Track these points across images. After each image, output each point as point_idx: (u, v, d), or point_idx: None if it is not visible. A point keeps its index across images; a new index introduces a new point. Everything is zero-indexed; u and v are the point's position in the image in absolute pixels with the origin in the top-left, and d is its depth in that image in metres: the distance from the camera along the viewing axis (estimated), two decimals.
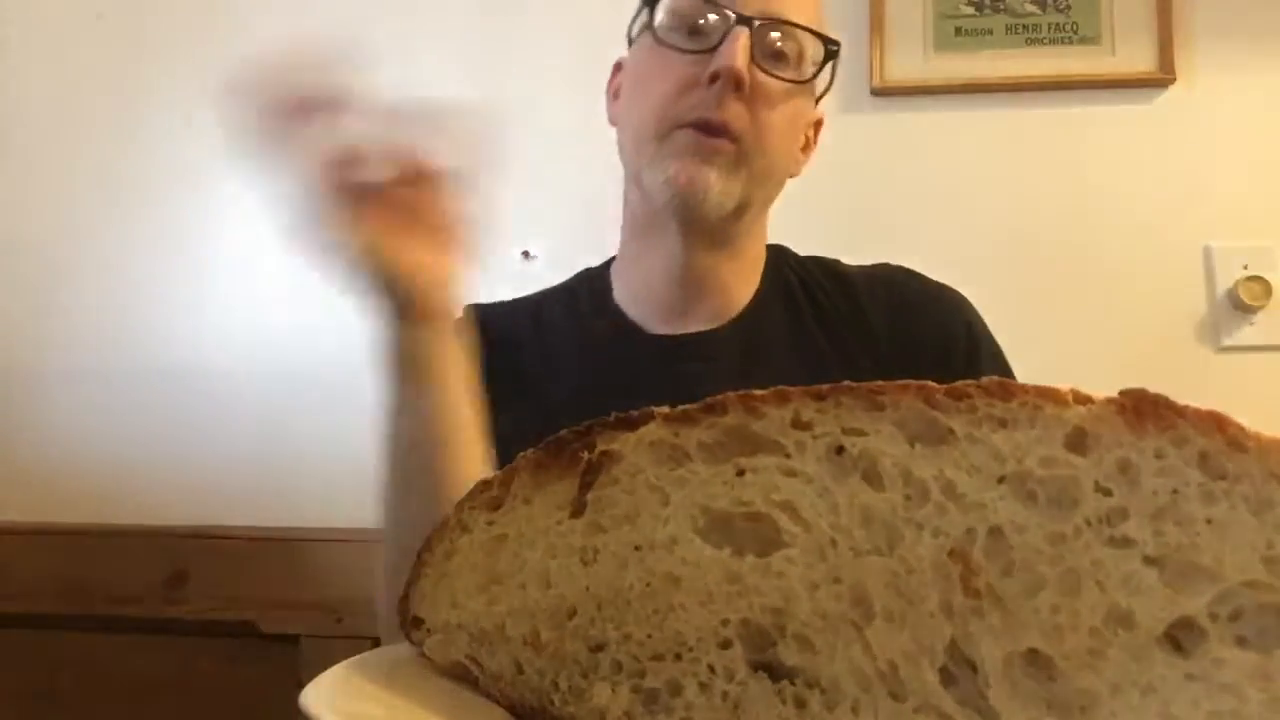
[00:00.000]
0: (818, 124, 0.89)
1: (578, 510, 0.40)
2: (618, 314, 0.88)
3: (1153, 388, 0.30)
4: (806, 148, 0.89)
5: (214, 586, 1.32)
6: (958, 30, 1.42)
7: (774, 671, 0.36)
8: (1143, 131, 1.38)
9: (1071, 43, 1.40)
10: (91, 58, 1.52)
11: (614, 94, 0.90)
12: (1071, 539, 0.30)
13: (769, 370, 0.80)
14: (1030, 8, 1.41)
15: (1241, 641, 0.28)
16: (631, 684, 0.39)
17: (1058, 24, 1.40)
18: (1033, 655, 0.31)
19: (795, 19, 0.80)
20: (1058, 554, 0.31)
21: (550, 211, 1.42)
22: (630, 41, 0.88)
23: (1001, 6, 1.41)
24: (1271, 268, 1.33)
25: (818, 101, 0.87)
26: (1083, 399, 0.31)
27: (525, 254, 1.39)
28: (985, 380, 0.32)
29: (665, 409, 0.38)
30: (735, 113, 0.77)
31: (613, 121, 0.90)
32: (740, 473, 0.37)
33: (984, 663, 0.32)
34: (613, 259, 0.93)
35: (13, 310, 1.48)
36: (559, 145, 1.44)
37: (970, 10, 1.41)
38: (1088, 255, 1.37)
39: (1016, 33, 1.41)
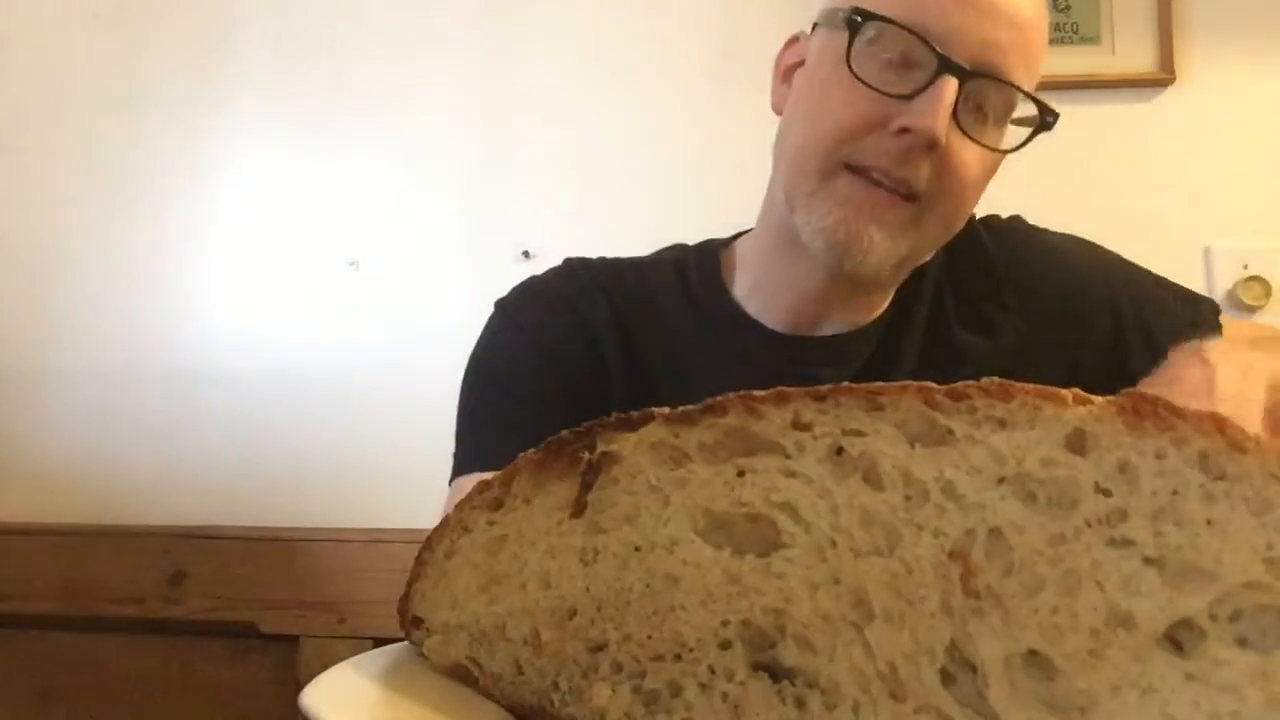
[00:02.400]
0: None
1: (578, 511, 0.40)
2: (734, 306, 0.80)
3: None
4: None
5: (214, 586, 1.32)
6: None
7: (774, 672, 0.36)
8: (1143, 131, 1.38)
9: (1071, 42, 1.40)
10: (89, 57, 1.52)
11: (783, 75, 0.79)
12: (1071, 540, 0.30)
13: (898, 374, 0.75)
14: None
15: (1241, 642, 0.28)
16: (632, 684, 0.39)
17: (1058, 24, 1.40)
18: (1032, 655, 0.31)
19: (1012, 75, 0.69)
20: (1057, 555, 0.31)
21: (550, 211, 1.42)
22: (816, 25, 0.76)
23: None
24: (1271, 268, 1.33)
25: (1015, 150, 0.75)
26: (1082, 400, 0.31)
27: (525, 254, 1.39)
28: (985, 381, 0.32)
29: (665, 410, 0.38)
30: (920, 173, 0.68)
31: (776, 108, 0.79)
32: (740, 474, 0.37)
33: (984, 663, 0.32)
34: (725, 240, 0.86)
35: (13, 310, 1.48)
36: (560, 145, 1.44)
37: None
38: None
39: None
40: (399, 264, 1.44)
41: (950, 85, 0.67)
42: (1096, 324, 0.80)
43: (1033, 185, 1.39)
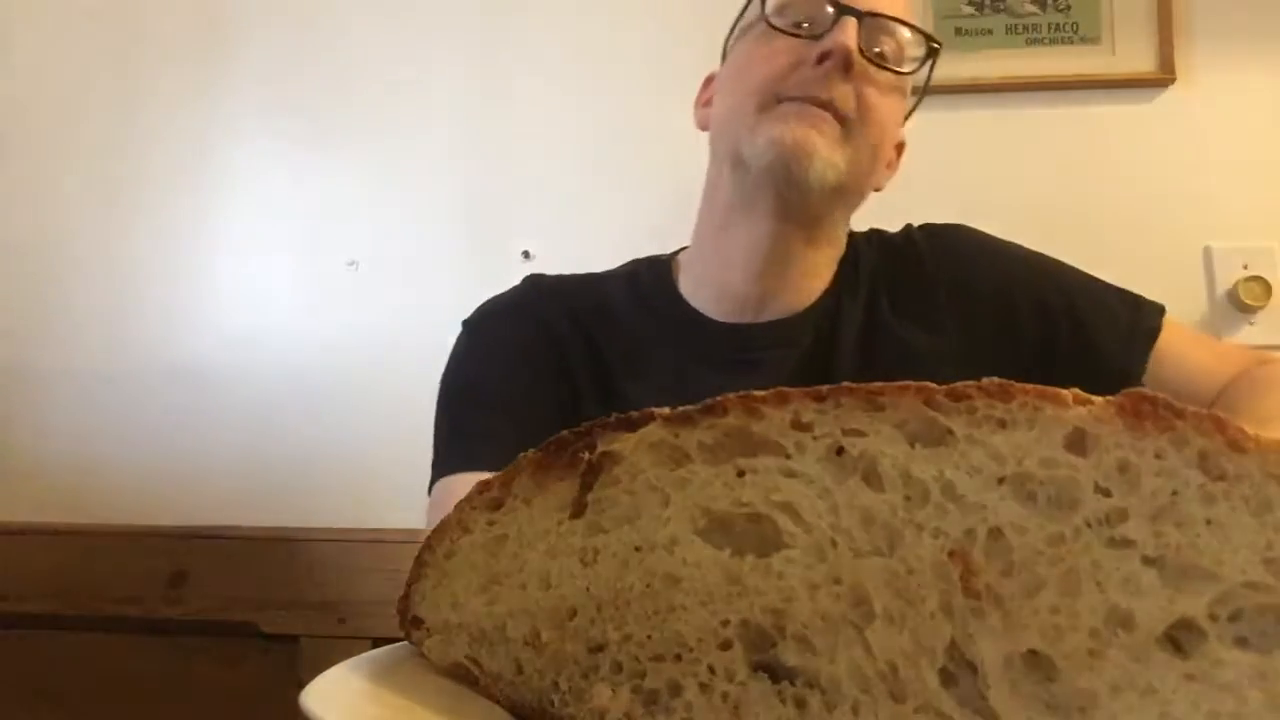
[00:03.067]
0: (900, 146, 0.89)
1: (578, 511, 0.40)
2: (682, 302, 0.87)
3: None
4: (890, 166, 0.89)
5: (214, 586, 1.32)
6: (958, 30, 1.41)
7: (774, 672, 0.36)
8: (1143, 131, 1.38)
9: (1071, 43, 1.40)
10: (91, 58, 1.52)
11: (704, 102, 0.91)
12: (1071, 540, 0.30)
13: (839, 360, 0.82)
14: (1030, 8, 1.41)
15: (1241, 642, 0.28)
16: (632, 684, 0.39)
17: (1058, 24, 1.40)
18: (1032, 656, 0.31)
19: (901, 16, 0.82)
20: (1057, 555, 0.31)
21: (550, 211, 1.42)
22: (724, 54, 0.89)
23: (1001, 6, 1.41)
24: (1271, 268, 1.33)
25: (905, 119, 0.88)
26: (1082, 400, 0.31)
27: (525, 254, 1.39)
28: (985, 381, 0.32)
29: (665, 410, 0.38)
30: (842, 93, 0.78)
31: (702, 126, 0.90)
32: (740, 474, 0.37)
33: (984, 663, 0.32)
34: (671, 253, 0.93)
35: (13, 310, 1.48)
36: (559, 145, 1.44)
37: (970, 10, 1.41)
38: (1087, 255, 1.36)
39: (1016, 33, 1.41)
40: (399, 264, 1.44)
41: (851, 21, 0.79)
42: (1025, 320, 0.84)
43: (1033, 185, 1.39)
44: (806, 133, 0.78)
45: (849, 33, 0.78)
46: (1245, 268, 1.33)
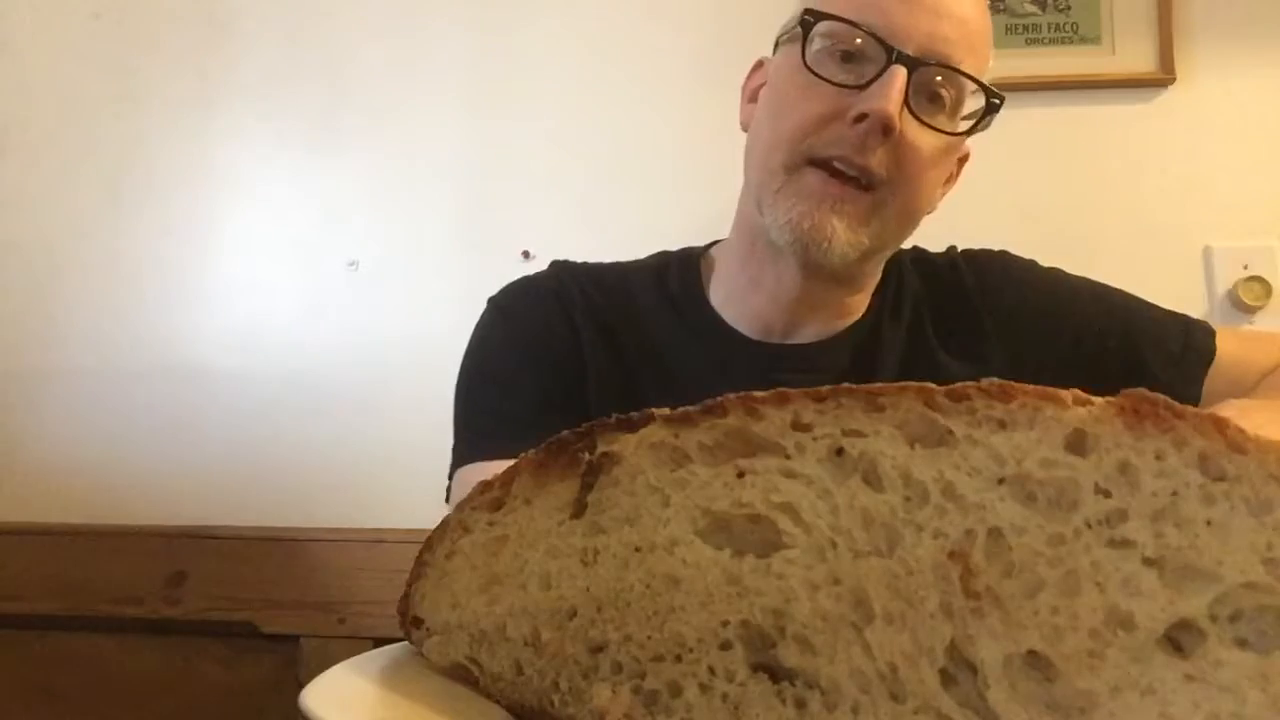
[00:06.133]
0: (963, 159, 0.83)
1: (578, 511, 0.40)
2: (711, 312, 0.84)
3: None
4: (949, 181, 0.83)
5: (214, 586, 1.32)
6: None
7: (774, 673, 0.36)
8: (1143, 131, 1.38)
9: (1071, 43, 1.40)
10: (90, 57, 1.52)
11: (750, 96, 0.84)
12: (1071, 540, 0.30)
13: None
14: (1030, 8, 1.41)
15: (1241, 643, 0.28)
16: (632, 685, 0.39)
17: (1058, 24, 1.40)
18: (1032, 656, 0.31)
19: (961, 65, 0.74)
20: (1057, 555, 0.31)
21: (550, 211, 1.42)
22: (776, 45, 0.82)
23: (1001, 6, 1.41)
24: (1271, 268, 1.33)
25: (969, 134, 0.79)
26: (1082, 401, 0.31)
27: (525, 254, 1.39)
28: (985, 382, 0.32)
29: (665, 410, 0.38)
30: (878, 159, 0.72)
31: (744, 125, 0.84)
32: (740, 474, 0.37)
33: (984, 664, 0.32)
34: (704, 248, 0.89)
35: (13, 310, 1.48)
36: (560, 145, 1.44)
37: None
38: (1087, 255, 1.36)
39: (1016, 33, 1.41)
40: (399, 264, 1.44)
41: (899, 73, 0.71)
42: (1073, 350, 0.82)
43: (1034, 186, 1.39)
44: (825, 217, 0.73)
45: (894, 90, 0.70)
46: (1245, 268, 1.33)
